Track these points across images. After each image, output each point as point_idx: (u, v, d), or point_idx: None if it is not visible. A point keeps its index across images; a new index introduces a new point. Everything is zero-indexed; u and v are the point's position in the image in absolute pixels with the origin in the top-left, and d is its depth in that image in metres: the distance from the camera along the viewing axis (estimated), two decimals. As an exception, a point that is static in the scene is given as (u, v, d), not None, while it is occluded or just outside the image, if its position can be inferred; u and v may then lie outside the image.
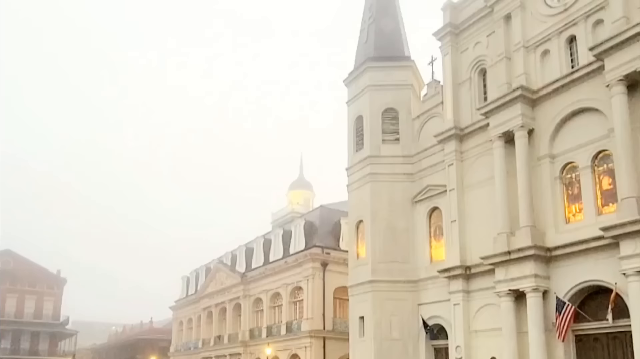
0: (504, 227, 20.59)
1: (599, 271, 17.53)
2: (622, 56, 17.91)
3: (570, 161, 19.77)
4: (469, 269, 22.04)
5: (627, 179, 17.00)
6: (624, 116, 17.64)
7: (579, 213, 19.18)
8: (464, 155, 24.08)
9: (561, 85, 20.35)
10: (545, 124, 20.70)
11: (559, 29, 21.07)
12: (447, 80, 25.50)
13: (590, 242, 17.77)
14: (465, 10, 25.54)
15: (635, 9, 18.21)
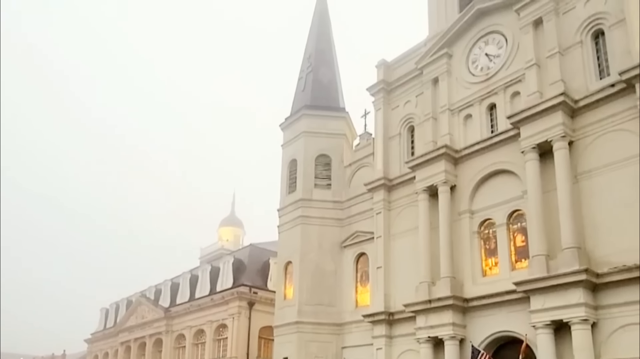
0: (425, 276, 21.39)
1: (511, 323, 18.47)
2: (536, 126, 19.37)
3: (488, 218, 20.93)
4: (392, 315, 22.61)
5: (538, 238, 18.21)
6: (536, 180, 18.98)
7: (495, 267, 20.25)
8: (392, 204, 24.95)
9: (481, 148, 21.67)
10: (466, 182, 21.91)
11: (481, 96, 22.54)
12: (379, 134, 26.53)
13: (504, 295, 18.74)
14: (397, 70, 26.87)
15: (548, 85, 19.89)
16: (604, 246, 16.82)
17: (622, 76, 17.55)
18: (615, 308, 16.00)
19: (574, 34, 19.98)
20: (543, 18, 20.86)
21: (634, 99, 17.27)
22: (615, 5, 18.93)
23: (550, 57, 20.21)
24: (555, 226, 17.89)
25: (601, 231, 17.11)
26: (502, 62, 22.15)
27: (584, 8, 20.02)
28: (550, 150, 18.87)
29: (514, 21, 21.96)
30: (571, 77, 19.55)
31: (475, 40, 23.59)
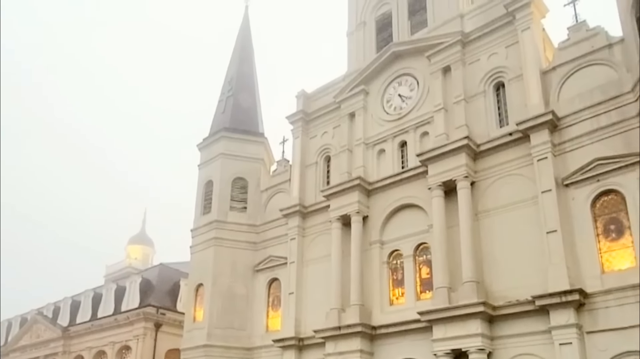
0: (336, 303, 21.89)
1: (415, 351, 19.28)
2: (442, 166, 20.61)
3: (396, 249, 21.84)
4: (302, 340, 22.85)
5: (441, 271, 19.29)
6: (441, 215, 20.15)
7: (402, 297, 21.11)
8: (306, 231, 25.38)
9: (393, 182, 22.66)
10: (377, 213, 22.78)
11: (393, 134, 23.64)
12: (296, 161, 26.99)
13: (409, 324, 19.55)
14: (317, 101, 27.58)
15: (454, 128, 21.28)
16: (501, 281, 18.12)
17: (519, 126, 19.17)
18: (508, 338, 17.24)
19: (478, 84, 21.58)
20: (451, 66, 22.37)
21: (529, 147, 18.90)
22: (515, 62, 20.71)
23: (457, 103, 21.67)
24: (457, 260, 19.05)
25: (498, 267, 18.45)
26: (414, 104, 23.42)
27: (487, 61, 21.71)
28: (455, 188, 20.13)
29: (426, 66, 23.35)
30: (475, 122, 21.06)
31: (390, 81, 24.78)
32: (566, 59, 19.46)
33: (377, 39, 26.36)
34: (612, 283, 15.78)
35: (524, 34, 20.61)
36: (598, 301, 15.79)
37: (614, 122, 17.47)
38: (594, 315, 15.79)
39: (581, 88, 18.70)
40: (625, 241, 16.18)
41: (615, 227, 16.51)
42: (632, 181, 16.38)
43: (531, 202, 18.26)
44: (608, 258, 16.35)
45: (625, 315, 15.13)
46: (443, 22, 23.59)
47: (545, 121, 18.58)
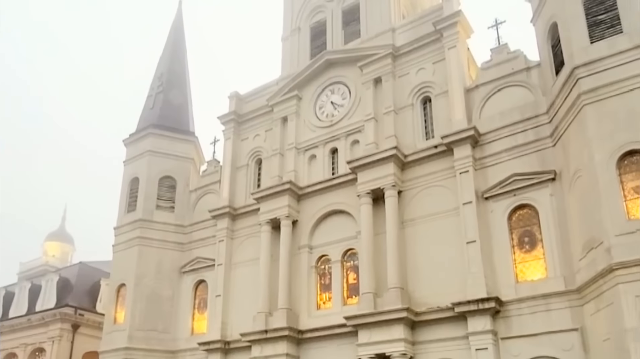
0: (263, 307, 21.86)
1: (341, 355, 19.54)
2: (371, 174, 21.06)
3: (325, 254, 22.09)
4: (229, 344, 22.63)
5: (367, 277, 19.72)
6: (369, 222, 20.60)
7: (329, 301, 21.36)
8: (235, 233, 25.15)
9: (323, 187, 22.89)
10: (307, 218, 22.95)
11: (325, 140, 23.90)
12: (227, 162, 26.66)
13: (335, 328, 19.83)
14: (249, 103, 27.36)
15: (383, 138, 21.81)
16: (423, 288, 18.78)
17: (444, 140, 19.94)
18: (429, 343, 17.90)
19: (407, 97, 22.24)
20: (382, 78, 22.91)
21: (452, 160, 19.71)
22: (441, 78, 21.51)
23: (387, 113, 22.22)
24: (383, 266, 19.54)
25: (421, 274, 19.11)
26: (345, 112, 23.78)
27: (416, 75, 22.42)
28: (382, 196, 20.64)
29: (358, 76, 23.77)
30: (403, 134, 21.69)
31: (322, 88, 25.02)
32: (488, 79, 20.44)
33: (312, 46, 26.52)
34: (524, 292, 16.80)
35: (450, 52, 21.43)
36: (512, 308, 16.76)
37: (530, 140, 18.56)
38: (508, 322, 16.74)
39: (501, 107, 19.71)
40: (538, 253, 17.27)
41: (529, 240, 17.57)
42: (545, 196, 17.51)
43: (453, 213, 19.05)
44: (522, 268, 17.39)
45: (536, 322, 16.17)
46: (375, 35, 24.10)
47: (467, 136, 19.44)
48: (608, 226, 14.79)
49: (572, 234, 16.40)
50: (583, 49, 17.19)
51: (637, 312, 13.48)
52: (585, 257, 15.55)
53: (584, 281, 15.40)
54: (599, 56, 16.78)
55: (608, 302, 14.32)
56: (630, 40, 16.51)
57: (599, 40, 17.13)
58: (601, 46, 16.95)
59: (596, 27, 17.38)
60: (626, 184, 15.18)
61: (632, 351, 13.24)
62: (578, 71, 16.96)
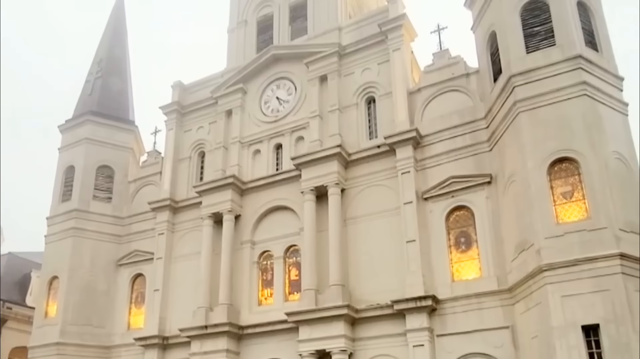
0: (204, 302, 21.47)
1: (281, 351, 19.54)
2: (315, 171, 21.06)
3: (267, 250, 21.92)
4: (167, 339, 22.11)
5: (309, 273, 19.74)
6: (312, 219, 20.59)
7: (270, 297, 21.23)
8: (176, 227, 24.53)
9: (267, 183, 22.68)
10: (250, 213, 22.68)
11: (269, 135, 23.65)
12: (169, 154, 25.92)
13: (276, 324, 19.75)
14: (193, 94, 26.68)
15: (328, 136, 21.83)
16: (364, 285, 18.99)
17: (386, 140, 20.20)
18: (369, 340, 18.16)
19: (352, 96, 22.34)
20: (328, 76, 22.90)
21: (395, 161, 19.99)
22: (385, 79, 21.73)
23: (332, 112, 22.26)
24: (325, 263, 19.62)
25: (362, 271, 19.31)
26: (291, 108, 23.63)
27: (361, 75, 22.54)
28: (326, 194, 20.70)
29: (304, 73, 23.64)
30: (347, 132, 21.79)
31: (268, 83, 24.73)
32: (430, 82, 20.83)
33: (258, 40, 26.16)
34: (460, 290, 17.34)
35: (394, 54, 21.69)
36: (447, 307, 17.26)
37: (468, 144, 19.11)
38: (443, 320, 17.23)
39: (442, 110, 20.15)
40: (473, 253, 17.85)
41: (465, 240, 18.12)
42: (481, 199, 18.09)
43: (394, 212, 19.36)
44: (458, 268, 17.93)
45: (470, 320, 16.75)
46: (322, 32, 24.04)
47: (409, 138, 19.78)
48: (538, 229, 15.47)
49: (506, 235, 17.05)
50: (520, 58, 17.82)
51: (563, 311, 14.21)
52: (517, 258, 16.22)
53: (515, 281, 16.07)
54: (534, 66, 17.45)
55: (537, 301, 15.02)
56: (562, 52, 17.26)
57: (534, 50, 17.81)
58: (536, 57, 17.63)
59: (532, 38, 18.06)
60: (556, 189, 15.91)
61: (558, 348, 13.97)
62: (514, 79, 17.57)
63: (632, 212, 15.22)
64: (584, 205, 15.33)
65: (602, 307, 13.80)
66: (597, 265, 14.24)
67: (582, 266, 14.40)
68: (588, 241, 14.64)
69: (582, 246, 14.65)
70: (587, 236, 14.74)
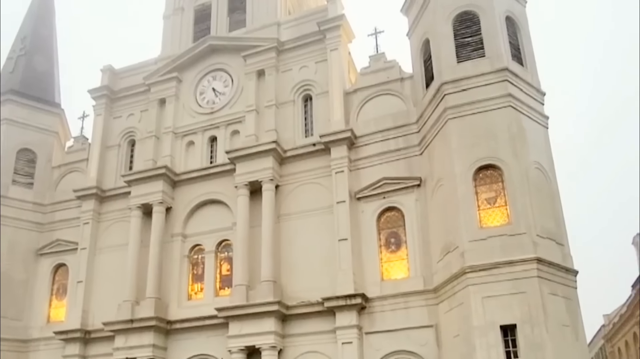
0: (130, 295, 20.55)
1: (210, 347, 19.03)
2: (249, 166, 20.63)
3: (198, 243, 21.25)
4: (90, 333, 21.00)
5: (241, 269, 19.33)
6: (245, 214, 20.16)
7: (200, 292, 20.63)
8: (102, 216, 23.32)
9: (200, 176, 21.99)
10: (182, 206, 21.90)
11: (204, 127, 22.90)
12: (96, 140, 24.58)
13: (206, 320, 19.22)
14: (124, 79, 25.40)
15: (264, 131, 21.43)
16: (295, 282, 18.82)
17: (322, 139, 20.10)
18: (298, 337, 18.05)
19: (289, 93, 22.04)
20: (266, 71, 22.45)
21: (329, 160, 19.92)
22: (322, 78, 21.58)
23: (268, 107, 21.87)
24: (257, 259, 19.28)
25: (294, 268, 19.14)
26: (227, 100, 23.00)
27: (298, 72, 22.27)
28: (260, 189, 20.32)
29: (241, 66, 23.06)
30: (283, 129, 21.48)
31: (204, 73, 23.93)
32: (366, 84, 20.89)
33: (195, 29, 25.26)
34: (388, 290, 17.58)
35: (332, 53, 21.58)
36: (376, 305, 17.46)
37: (400, 147, 19.35)
38: (372, 318, 17.42)
39: (376, 113, 20.28)
40: (402, 254, 18.13)
41: (395, 241, 18.37)
42: (410, 201, 18.40)
43: (327, 210, 19.31)
44: (387, 267, 18.16)
45: (397, 319, 17.03)
46: (261, 26, 23.51)
47: (344, 138, 19.79)
48: (463, 232, 15.96)
49: (433, 237, 17.44)
50: (451, 67, 18.22)
51: (483, 311, 14.75)
52: (443, 259, 16.66)
53: (440, 282, 16.51)
54: (463, 75, 17.91)
55: (459, 302, 15.51)
56: (491, 64, 17.81)
57: (465, 60, 18.28)
58: (466, 66, 18.10)
59: (463, 48, 18.52)
60: (481, 195, 16.46)
61: (478, 347, 14.50)
62: (445, 87, 17.96)
63: (549, 219, 16.02)
64: (505, 211, 15.95)
65: (519, 308, 14.45)
66: (515, 268, 14.88)
67: (502, 268, 15.00)
68: (508, 245, 15.27)
69: (503, 249, 15.25)
70: (507, 240, 15.36)
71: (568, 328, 14.69)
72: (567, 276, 15.45)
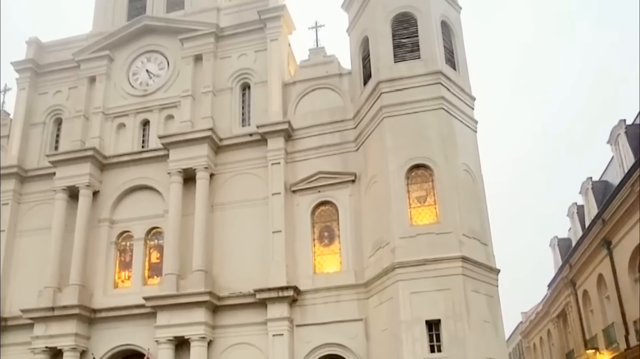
0: (52, 281, 19.11)
1: (136, 337, 18.05)
2: (184, 153, 19.66)
3: (127, 230, 20.07)
4: (5, 320, 19.35)
5: (172, 258, 18.43)
6: (178, 202, 19.20)
7: (128, 280, 19.52)
8: (23, 198, 21.53)
9: (131, 160, 20.76)
10: (111, 190, 20.58)
11: (136, 110, 21.59)
12: (19, 116, 22.63)
13: (133, 309, 18.21)
14: (52, 54, 23.53)
15: (200, 118, 20.45)
16: (228, 273, 18.18)
17: (259, 129, 19.48)
18: (229, 328, 17.48)
19: (227, 80, 21.18)
20: (203, 56, 21.44)
21: (266, 150, 19.34)
22: (261, 67, 20.89)
23: (205, 93, 20.91)
24: (189, 248, 18.45)
25: (227, 259, 18.48)
26: (162, 83, 21.82)
27: (237, 60, 21.44)
28: (194, 177, 19.43)
29: (178, 49, 21.90)
30: (220, 116, 20.62)
31: (138, 54, 22.57)
32: (305, 77, 20.43)
33: (129, 7, 23.75)
34: (320, 283, 17.36)
35: (272, 43, 20.92)
36: (308, 298, 17.19)
37: (337, 142, 19.09)
38: (303, 310, 17.16)
39: (314, 106, 19.87)
40: (335, 248, 17.93)
41: (328, 235, 18.13)
42: (345, 196, 18.21)
43: (262, 202, 18.77)
44: (320, 261, 17.92)
45: (328, 312, 16.85)
46: (200, 10, 22.41)
47: (282, 129, 19.27)
48: (394, 229, 16.00)
49: (365, 233, 17.35)
50: (388, 66, 18.14)
51: (410, 306, 14.89)
52: (374, 255, 16.65)
53: (371, 277, 16.50)
54: (399, 75, 17.90)
55: (389, 296, 15.58)
56: (426, 66, 17.89)
57: (401, 61, 18.27)
58: (402, 67, 18.10)
59: (400, 49, 18.49)
60: (412, 193, 16.56)
61: (404, 341, 14.64)
62: (382, 86, 17.87)
63: (475, 220, 16.38)
64: (434, 210, 16.14)
65: (443, 304, 14.72)
66: (441, 266, 15.11)
67: (429, 266, 15.19)
68: (436, 244, 15.47)
69: (431, 247, 15.44)
70: (435, 238, 15.56)
71: (489, 324, 15.14)
72: (489, 274, 15.89)
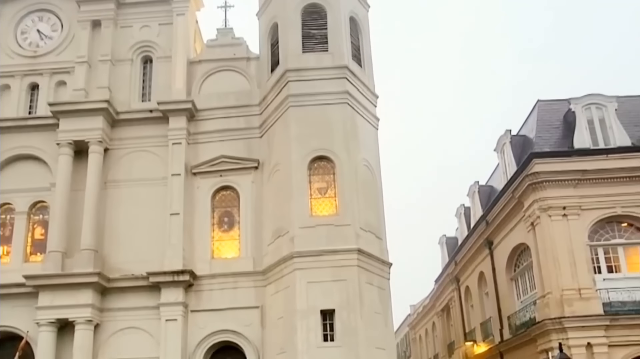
0: None
1: (15, 318, 16.00)
2: (76, 123, 17.70)
3: (8, 202, 17.69)
4: None
5: (58, 234, 16.56)
6: (67, 176, 17.27)
7: (6, 256, 17.21)
8: None
9: (15, 126, 18.29)
10: (-10, 157, 17.88)
11: (24, 72, 19.06)
12: None
13: (12, 288, 16.12)
14: None
15: (95, 88, 18.43)
16: (120, 254, 16.72)
17: (160, 106, 18.02)
18: (118, 311, 16.12)
19: (127, 51, 19.30)
20: (102, 22, 19.32)
21: (167, 129, 17.93)
22: (166, 42, 19.26)
23: (102, 62, 18.93)
24: (78, 225, 16.71)
25: (119, 239, 16.96)
26: (55, 46, 19.47)
27: (139, 31, 19.59)
28: (86, 150, 17.58)
29: (74, 11, 19.56)
30: (118, 88, 18.76)
31: (29, 11, 19.91)
32: (212, 57, 19.16)
33: (20, -41, 20.32)
34: (218, 268, 16.54)
35: (178, 18, 19.37)
36: (204, 283, 16.32)
37: (241, 127, 18.18)
38: (199, 296, 16.28)
39: (220, 88, 18.73)
40: (234, 234, 17.13)
41: (228, 220, 17.28)
42: (247, 182, 17.44)
43: (161, 182, 17.42)
44: (218, 246, 17.07)
45: (224, 298, 16.13)
46: (101, -28, 19.85)
47: (184, 108, 18.01)
48: (294, 219, 15.68)
49: (266, 220, 16.78)
50: (296, 56, 17.57)
51: (307, 296, 14.73)
52: (273, 243, 16.20)
53: (269, 264, 16.05)
54: (307, 66, 17.42)
55: (286, 285, 15.29)
56: (333, 60, 17.58)
57: (309, 52, 17.77)
58: (310, 58, 17.63)
59: (309, 39, 17.98)
60: (314, 184, 16.29)
61: (299, 329, 14.47)
62: (289, 74, 17.30)
63: (372, 214, 16.53)
64: (334, 202, 16.03)
65: (338, 295, 14.73)
66: (338, 257, 15.08)
67: (326, 256, 15.10)
68: (333, 235, 15.38)
69: (329, 238, 15.34)
70: (333, 230, 15.47)
71: (379, 315, 15.44)
72: (382, 267, 16.18)
